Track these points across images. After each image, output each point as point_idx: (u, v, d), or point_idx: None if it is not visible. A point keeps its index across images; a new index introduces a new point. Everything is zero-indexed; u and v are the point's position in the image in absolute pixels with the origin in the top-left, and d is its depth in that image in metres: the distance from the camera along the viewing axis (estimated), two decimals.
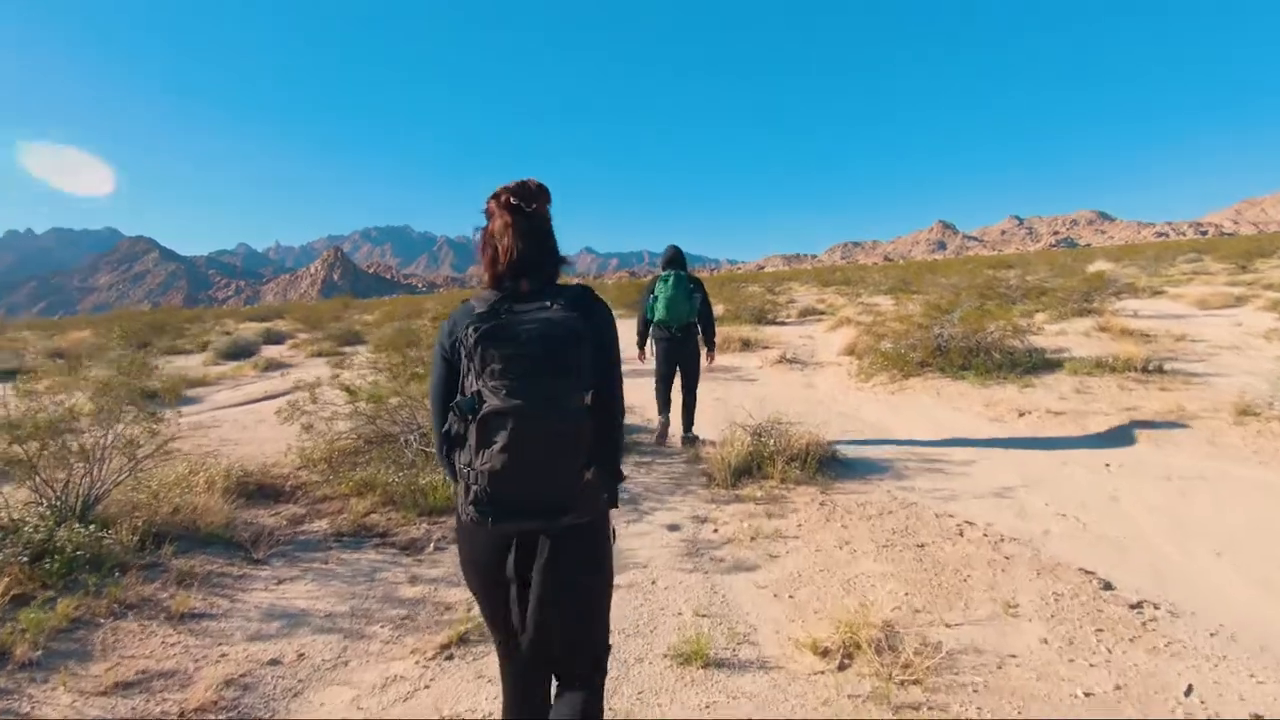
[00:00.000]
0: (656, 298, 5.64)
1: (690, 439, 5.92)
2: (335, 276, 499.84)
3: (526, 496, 1.52)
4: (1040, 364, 8.00)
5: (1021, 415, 6.41)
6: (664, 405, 6.05)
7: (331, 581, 3.63)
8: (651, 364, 6.10)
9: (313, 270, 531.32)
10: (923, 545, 3.82)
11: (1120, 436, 5.63)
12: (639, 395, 6.64)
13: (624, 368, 1.81)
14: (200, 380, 11.77)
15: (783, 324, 17.91)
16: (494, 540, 1.60)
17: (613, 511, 1.77)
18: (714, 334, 6.02)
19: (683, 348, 5.83)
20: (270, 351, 16.18)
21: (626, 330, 2.51)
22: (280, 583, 3.62)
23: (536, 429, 1.46)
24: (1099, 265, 25.97)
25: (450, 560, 3.86)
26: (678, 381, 6.03)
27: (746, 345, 12.66)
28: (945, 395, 7.47)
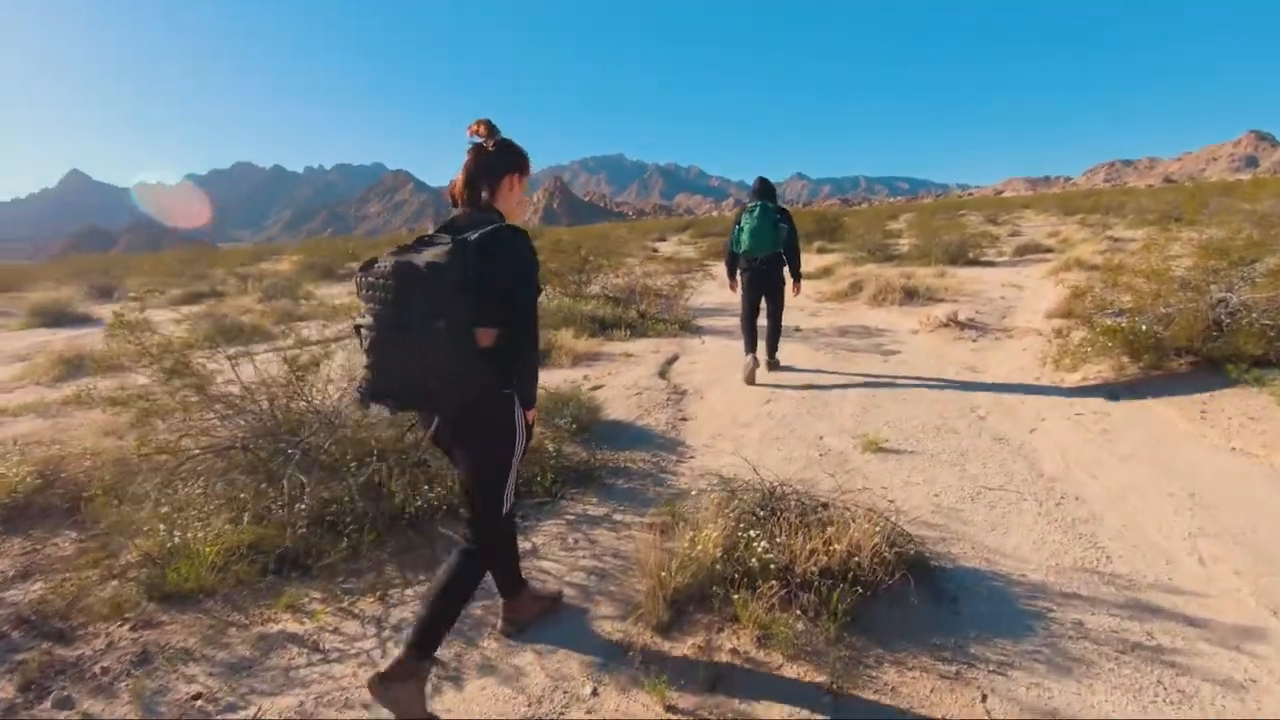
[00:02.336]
0: (741, 229, 5.67)
1: (774, 364, 6.11)
2: (555, 205, 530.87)
3: (386, 391, 1.83)
4: None
5: None
6: (749, 343, 5.89)
7: None
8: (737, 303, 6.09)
9: (535, 199, 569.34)
10: None
11: None
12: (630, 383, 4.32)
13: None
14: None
15: (988, 265, 13.80)
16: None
17: None
18: (799, 265, 5.92)
19: (767, 279, 5.83)
20: None
21: None
22: None
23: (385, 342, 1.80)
24: None
25: None
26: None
27: (910, 296, 9.36)
28: (1226, 421, 4.11)
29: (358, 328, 1.84)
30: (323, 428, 3.36)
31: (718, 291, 12.20)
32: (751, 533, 2.48)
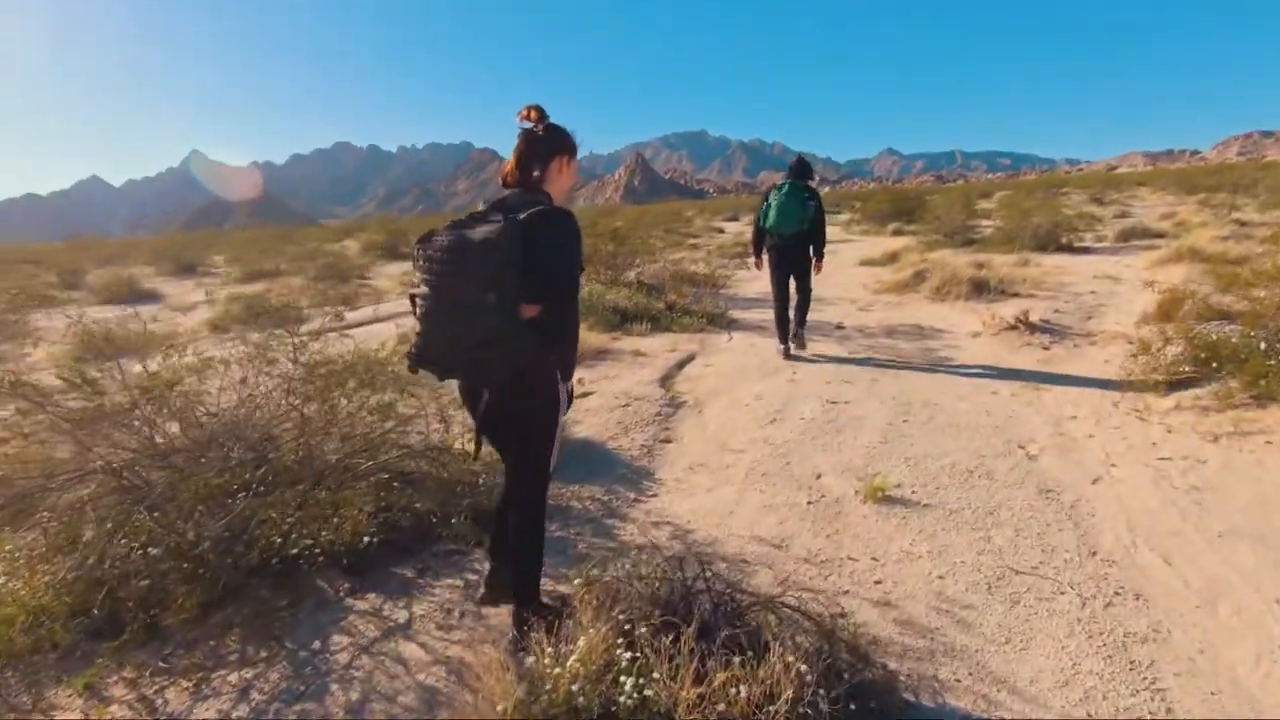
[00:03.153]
0: (770, 205, 5.71)
1: (799, 335, 6.06)
2: (636, 182, 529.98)
3: (433, 359, 1.96)
4: None
5: None
6: (782, 333, 6.01)
7: None
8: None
9: (616, 177, 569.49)
10: None
11: None
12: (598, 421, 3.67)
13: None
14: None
15: (1084, 251, 12.21)
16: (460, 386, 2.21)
17: None
18: (824, 243, 5.88)
19: (793, 256, 5.85)
20: None
21: None
22: None
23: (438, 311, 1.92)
24: None
25: None
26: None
27: (980, 290, 8.17)
28: None
29: (413, 297, 1.95)
30: (188, 453, 2.87)
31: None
32: (628, 655, 1.78)
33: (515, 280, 1.87)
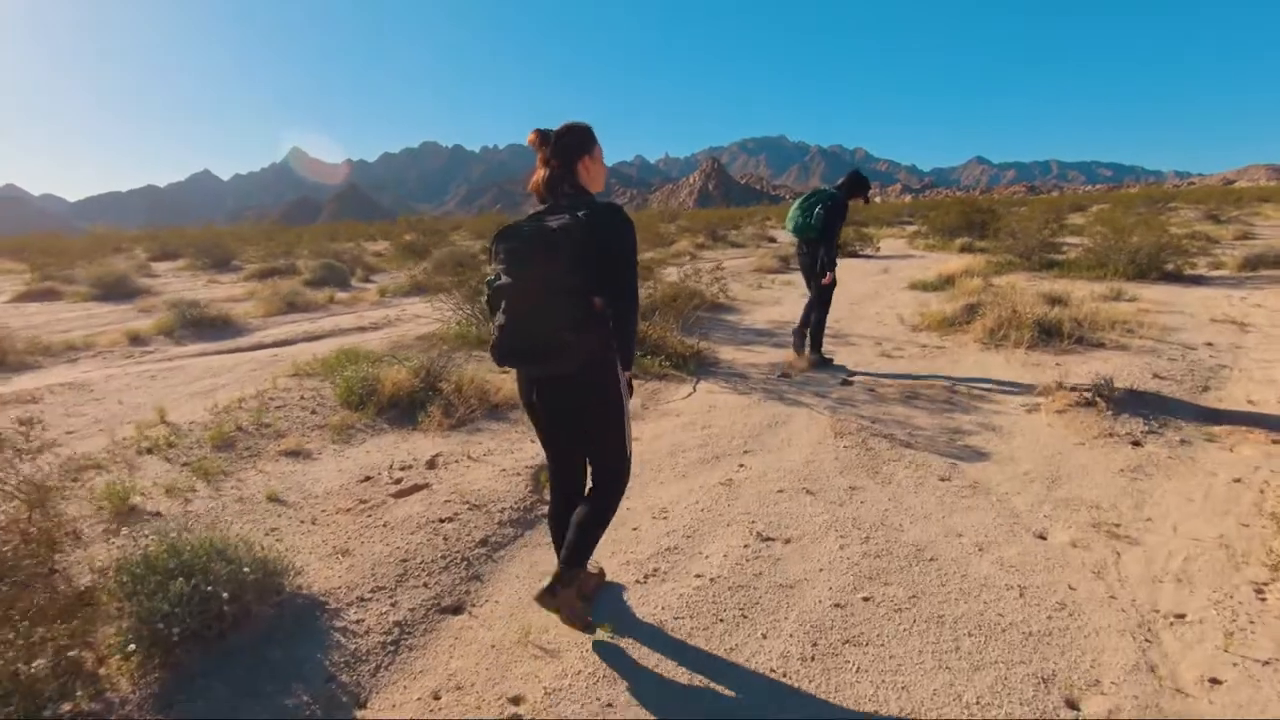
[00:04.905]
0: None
1: (816, 359, 5.81)
2: (710, 187, 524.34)
3: (519, 348, 2.01)
4: None
5: None
6: (797, 343, 5.93)
7: None
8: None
9: (691, 181, 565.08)
10: None
11: None
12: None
13: None
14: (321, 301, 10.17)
15: (1196, 282, 9.82)
16: (522, 378, 2.21)
17: None
18: (831, 253, 5.55)
19: (808, 262, 5.73)
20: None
21: None
22: None
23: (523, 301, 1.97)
24: None
25: None
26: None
27: (1050, 335, 6.13)
28: None
29: (495, 289, 1.98)
30: None
31: (796, 303, 9.45)
32: None
33: (590, 269, 1.96)
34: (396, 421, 4.43)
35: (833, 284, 5.55)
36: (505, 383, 5.25)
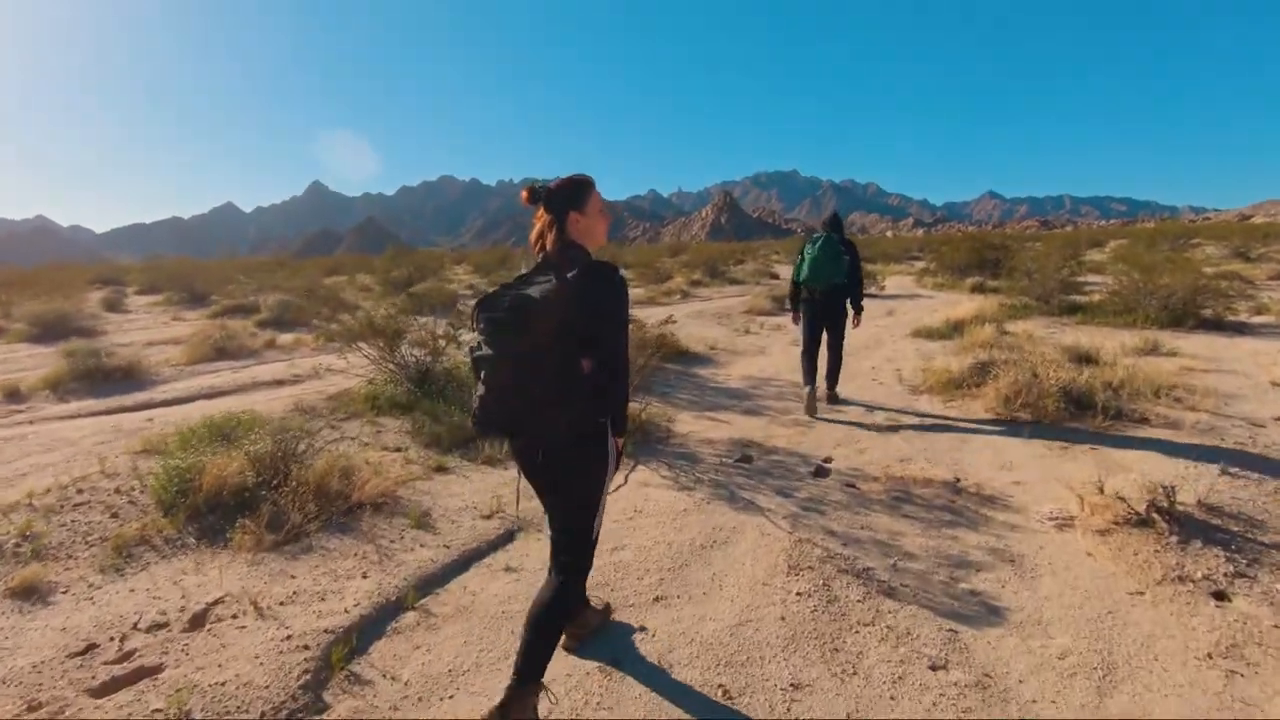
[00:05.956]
0: (803, 260, 5.60)
1: (834, 397, 5.88)
2: (723, 220, 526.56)
3: (498, 419, 1.94)
4: None
5: None
6: (807, 374, 5.65)
7: None
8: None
9: (703, 214, 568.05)
10: None
11: None
12: None
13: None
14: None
15: (1239, 330, 8.63)
16: (514, 445, 2.08)
17: None
18: (860, 296, 5.78)
19: (827, 310, 5.65)
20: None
21: None
22: None
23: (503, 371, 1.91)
24: None
25: None
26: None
27: (1080, 406, 4.95)
28: None
29: (476, 359, 1.94)
30: None
31: (783, 352, 8.32)
32: None
33: (573, 337, 1.89)
34: (208, 534, 3.32)
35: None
36: (387, 466, 4.15)
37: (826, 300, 5.60)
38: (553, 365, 1.86)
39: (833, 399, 5.86)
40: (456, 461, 4.41)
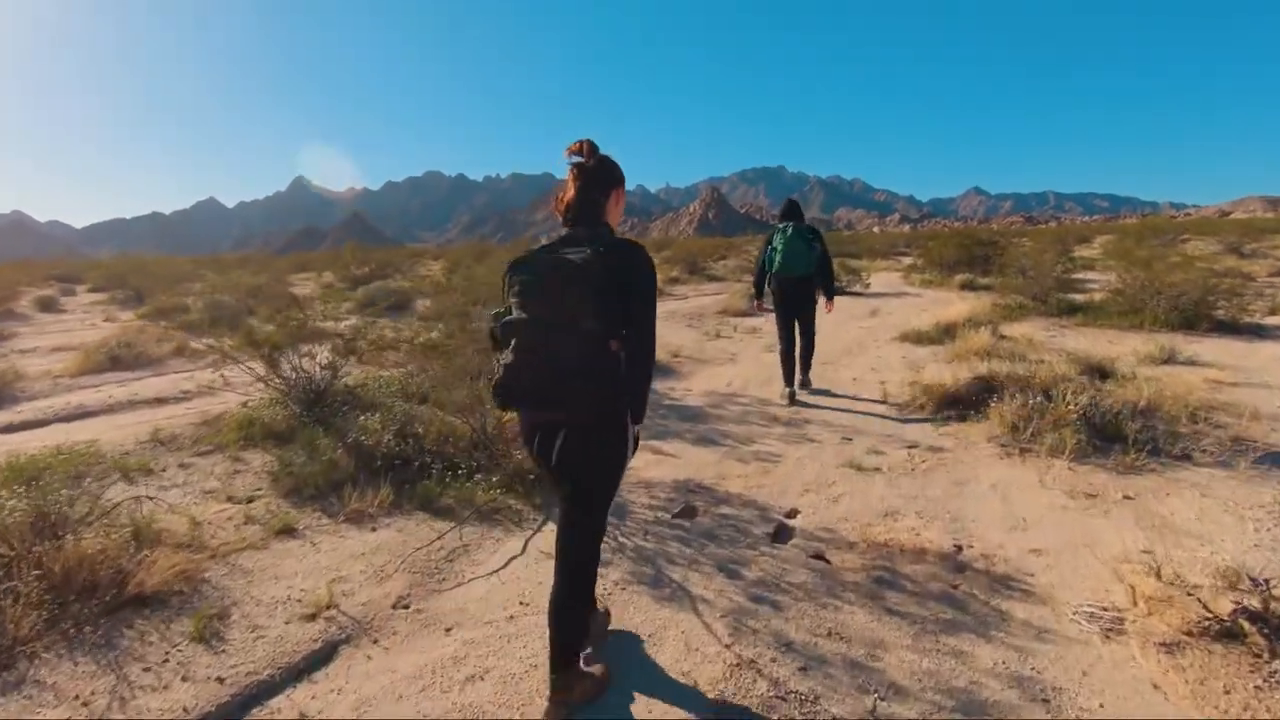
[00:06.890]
0: (775, 249, 5.56)
1: (806, 382, 6.00)
2: (710, 216, 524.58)
3: (527, 389, 1.82)
4: None
5: None
6: (788, 376, 5.73)
7: None
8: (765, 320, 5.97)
9: (691, 210, 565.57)
10: None
11: None
12: None
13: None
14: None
15: (1258, 334, 7.78)
16: (524, 422, 2.00)
17: None
18: (832, 282, 5.85)
19: (799, 298, 5.71)
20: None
21: None
22: None
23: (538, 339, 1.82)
24: None
25: None
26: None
27: (1106, 438, 4.04)
28: None
29: (506, 324, 1.84)
30: None
31: (754, 360, 7.36)
32: None
33: (606, 312, 1.79)
34: None
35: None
36: (214, 529, 3.14)
37: (797, 289, 5.63)
38: (584, 337, 1.77)
39: (804, 384, 5.98)
40: (312, 518, 3.40)
